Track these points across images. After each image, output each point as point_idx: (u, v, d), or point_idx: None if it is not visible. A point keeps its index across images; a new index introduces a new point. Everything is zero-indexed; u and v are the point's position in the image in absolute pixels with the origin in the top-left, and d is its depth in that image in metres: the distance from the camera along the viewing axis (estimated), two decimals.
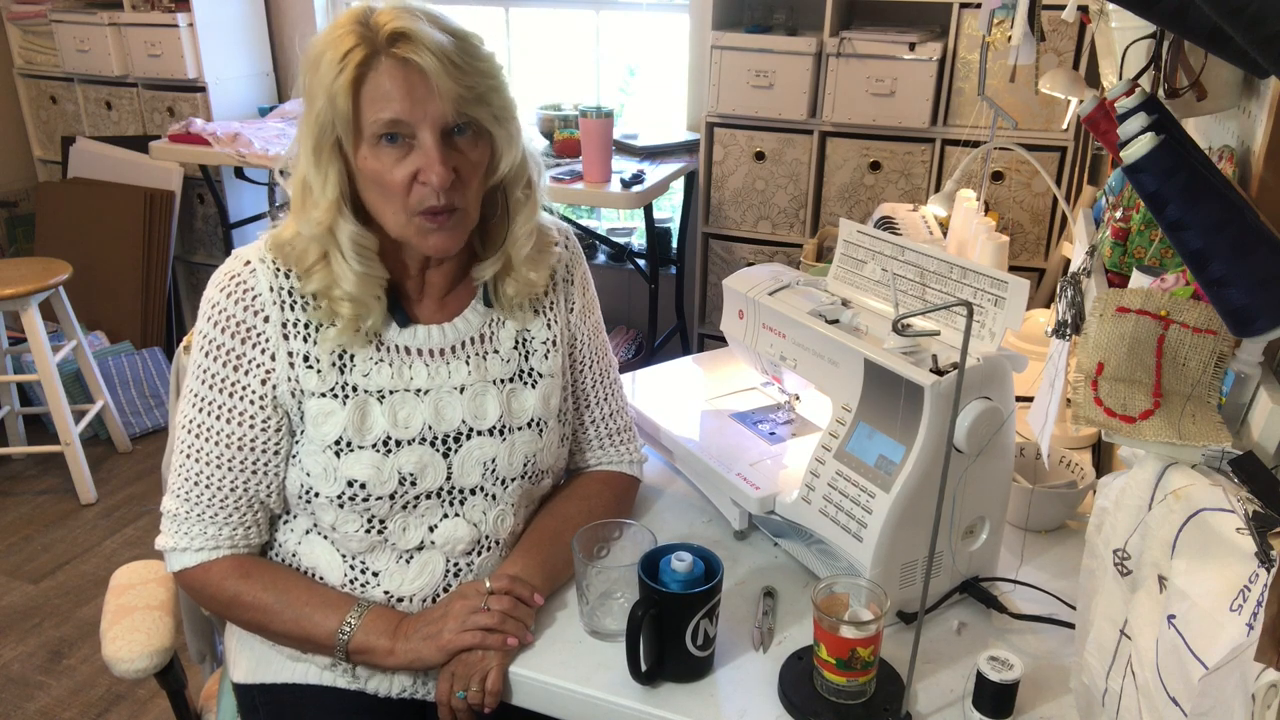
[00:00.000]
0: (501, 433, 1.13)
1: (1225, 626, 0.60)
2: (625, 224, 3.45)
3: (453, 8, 1.04)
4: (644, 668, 0.99)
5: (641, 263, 3.11)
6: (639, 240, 3.25)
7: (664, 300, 3.15)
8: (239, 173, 3.41)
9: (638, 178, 2.75)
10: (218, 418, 1.08)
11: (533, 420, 1.16)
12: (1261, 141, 0.87)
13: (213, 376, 1.07)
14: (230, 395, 1.07)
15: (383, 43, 0.96)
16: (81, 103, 3.67)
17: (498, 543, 1.16)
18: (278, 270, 1.07)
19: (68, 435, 2.89)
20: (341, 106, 0.97)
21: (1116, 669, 0.76)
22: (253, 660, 1.18)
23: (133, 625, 1.22)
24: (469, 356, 1.13)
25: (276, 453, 1.09)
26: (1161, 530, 0.70)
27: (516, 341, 1.16)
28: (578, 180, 2.77)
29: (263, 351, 1.07)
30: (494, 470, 1.13)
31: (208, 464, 1.08)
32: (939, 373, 1.01)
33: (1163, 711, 0.66)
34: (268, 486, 1.10)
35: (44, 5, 3.58)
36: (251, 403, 1.07)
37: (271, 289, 1.07)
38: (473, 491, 1.13)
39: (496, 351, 1.15)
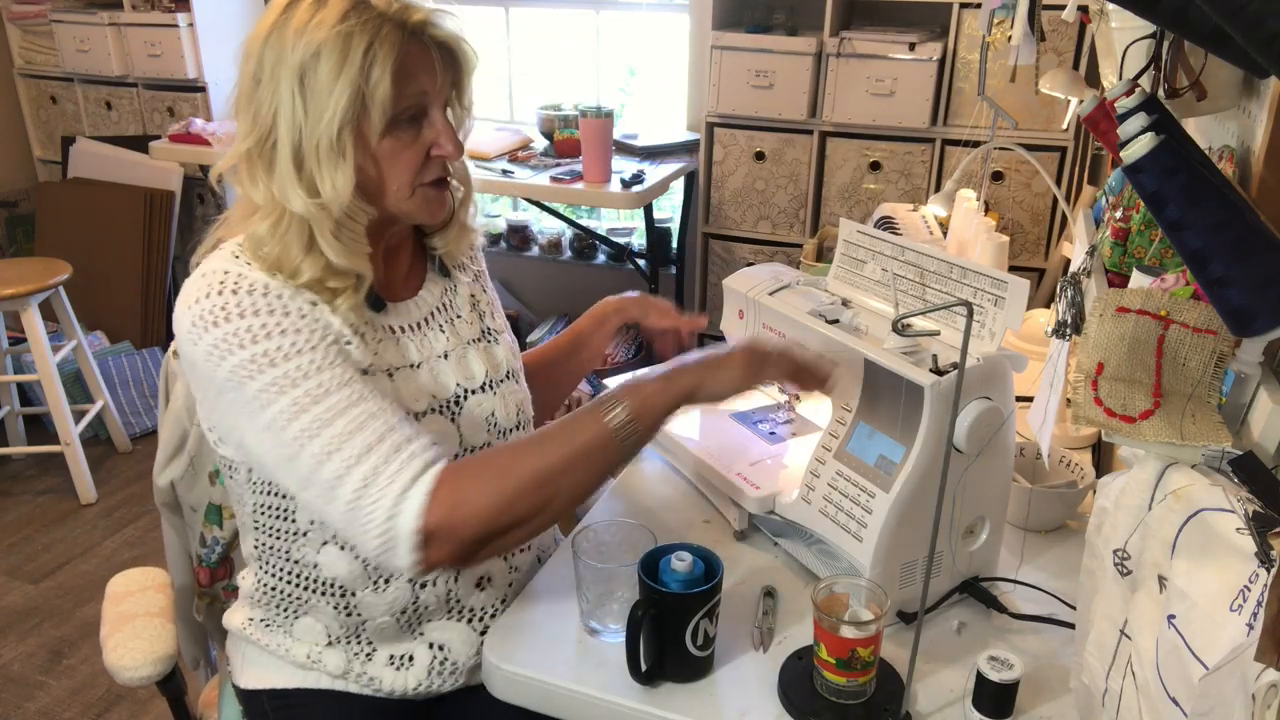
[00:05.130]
0: (491, 387, 1.17)
1: (1225, 626, 0.60)
2: (625, 224, 3.45)
3: (453, 7, 1.05)
4: (644, 668, 0.99)
5: (641, 263, 3.11)
6: (639, 240, 3.25)
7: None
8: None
9: (638, 178, 2.75)
10: (306, 377, 0.97)
11: (509, 372, 1.21)
12: (1261, 141, 0.87)
13: (269, 355, 0.97)
14: (301, 354, 0.98)
15: (413, 26, 1.00)
16: (81, 103, 3.67)
17: None
18: (262, 269, 1.01)
19: (68, 435, 2.89)
20: (384, 92, 0.97)
21: (1116, 669, 0.76)
22: (260, 666, 1.18)
23: (134, 633, 1.21)
24: (441, 325, 1.16)
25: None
26: (1161, 530, 0.70)
27: (471, 304, 1.21)
28: (578, 180, 2.77)
29: (301, 316, 1.00)
30: (495, 424, 1.16)
31: (344, 411, 0.97)
32: (939, 373, 1.01)
33: (1163, 712, 0.66)
34: (398, 405, 1.02)
35: (44, 5, 3.58)
36: (329, 346, 1.00)
37: (274, 279, 1.01)
38: (481, 449, 1.14)
39: (460, 316, 1.19)
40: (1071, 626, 0.93)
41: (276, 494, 1.08)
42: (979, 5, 2.18)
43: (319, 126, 0.97)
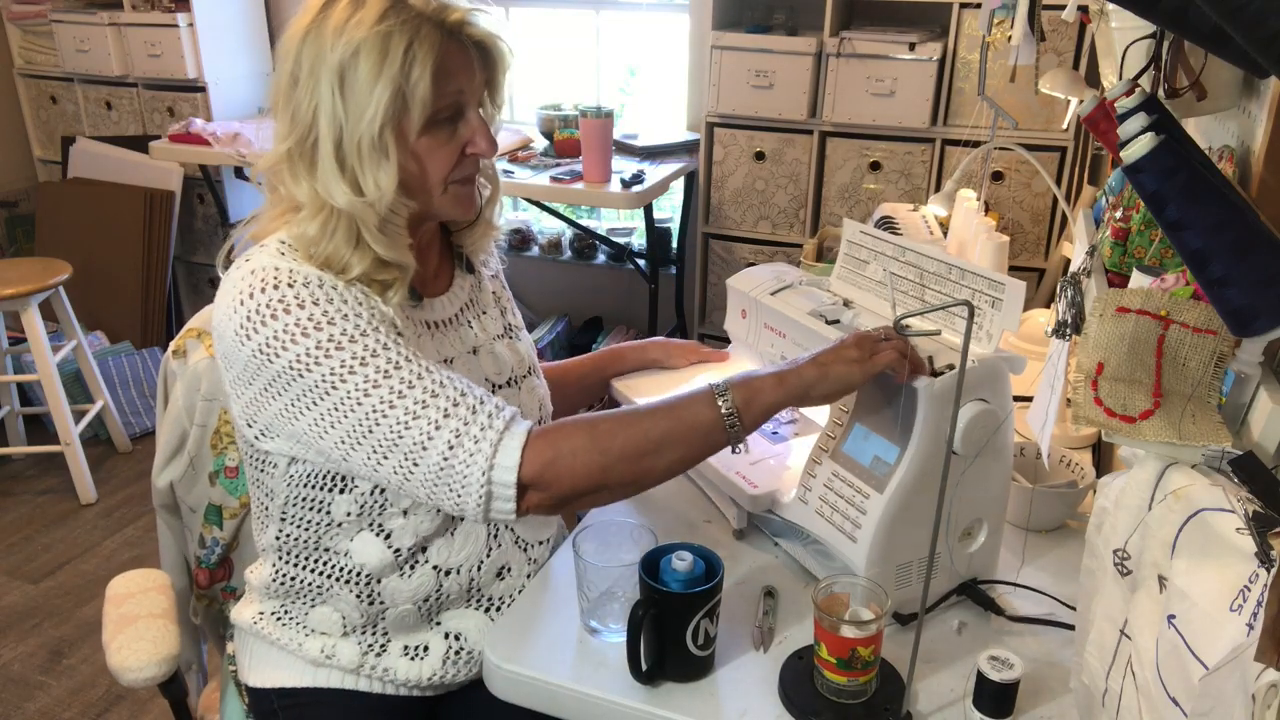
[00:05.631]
0: (516, 383, 1.20)
1: (1225, 626, 0.60)
2: (625, 224, 3.44)
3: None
4: (644, 667, 0.99)
5: (641, 263, 3.11)
6: (639, 240, 3.25)
7: (664, 300, 3.15)
8: (239, 173, 3.41)
9: (638, 178, 2.75)
10: (374, 355, 0.97)
11: (530, 367, 1.23)
12: (1261, 141, 0.87)
13: (334, 339, 0.97)
14: (365, 335, 0.98)
15: (451, 26, 1.01)
16: (81, 103, 3.67)
17: None
18: (312, 264, 1.02)
19: (68, 435, 2.89)
20: (424, 92, 0.98)
21: (1116, 669, 0.76)
22: (270, 664, 1.17)
23: (137, 634, 1.20)
24: (470, 320, 1.18)
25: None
26: (1161, 530, 0.70)
27: (494, 300, 1.24)
28: (578, 180, 2.77)
29: (359, 303, 1.00)
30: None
31: (419, 378, 0.98)
32: (935, 374, 1.01)
33: (1163, 712, 0.66)
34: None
35: (44, 5, 3.58)
36: (392, 326, 1.01)
37: (326, 271, 1.01)
38: None
39: (485, 312, 1.22)
40: (1071, 628, 0.93)
41: (314, 486, 1.08)
42: (979, 5, 2.18)
43: (360, 125, 0.98)
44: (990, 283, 1.06)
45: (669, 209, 3.35)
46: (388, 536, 1.09)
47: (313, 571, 1.12)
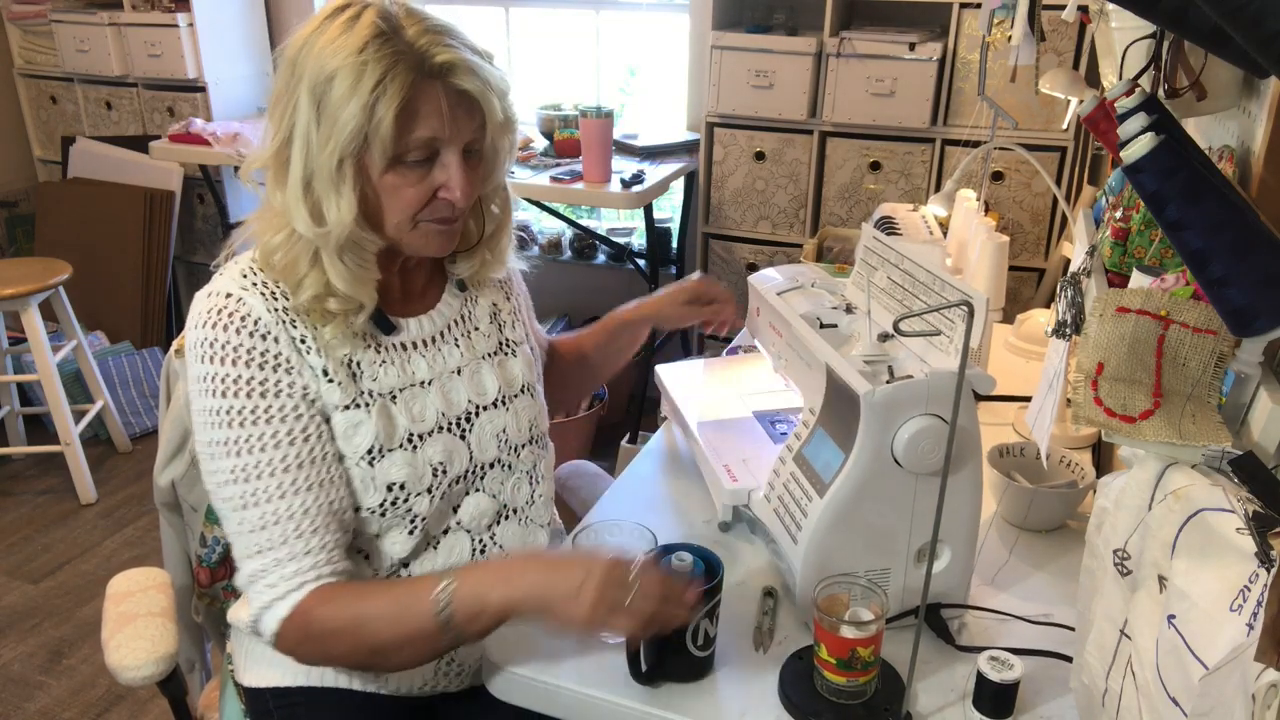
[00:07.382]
0: (504, 403, 1.17)
1: (1225, 626, 0.60)
2: (625, 224, 3.44)
3: (452, 7, 1.04)
4: (644, 668, 0.99)
5: (641, 263, 3.11)
6: (639, 240, 3.25)
7: None
8: (239, 172, 3.41)
9: (638, 178, 2.75)
10: (262, 449, 1.00)
11: (524, 386, 1.20)
12: (1261, 141, 0.87)
13: (239, 413, 1.00)
14: (267, 423, 1.00)
15: (432, 69, 0.97)
16: (81, 103, 3.67)
17: (515, 511, 1.18)
18: (264, 292, 1.03)
19: (68, 435, 2.89)
20: (385, 131, 0.96)
21: (1116, 669, 0.76)
22: (264, 663, 1.17)
23: (136, 632, 1.20)
24: (456, 339, 1.16)
25: (339, 458, 1.05)
26: (1161, 530, 0.70)
27: (490, 316, 1.21)
28: (578, 180, 2.77)
29: (287, 372, 1.02)
30: (507, 440, 1.17)
31: (269, 500, 1.00)
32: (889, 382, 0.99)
33: (1163, 711, 0.66)
34: (338, 494, 1.04)
35: (44, 5, 3.58)
36: (296, 418, 1.01)
37: (270, 310, 1.02)
38: (491, 465, 1.16)
39: (477, 329, 1.19)
40: (1071, 629, 0.93)
41: None
42: (979, 5, 2.18)
43: (324, 151, 0.97)
44: (961, 295, 1.01)
45: (669, 209, 3.35)
46: (366, 557, 1.10)
47: None
